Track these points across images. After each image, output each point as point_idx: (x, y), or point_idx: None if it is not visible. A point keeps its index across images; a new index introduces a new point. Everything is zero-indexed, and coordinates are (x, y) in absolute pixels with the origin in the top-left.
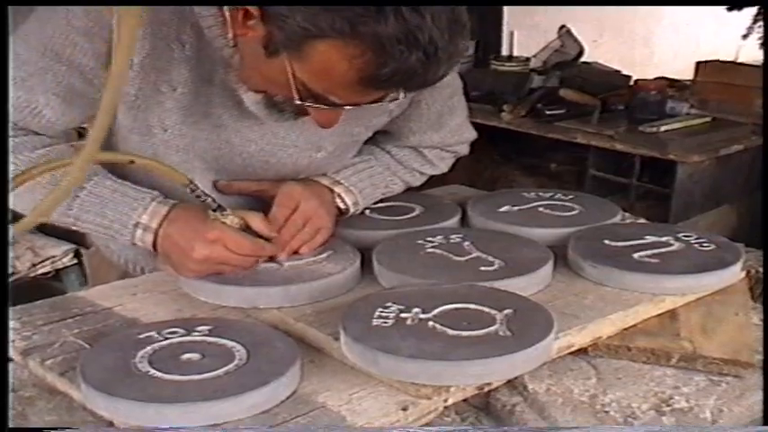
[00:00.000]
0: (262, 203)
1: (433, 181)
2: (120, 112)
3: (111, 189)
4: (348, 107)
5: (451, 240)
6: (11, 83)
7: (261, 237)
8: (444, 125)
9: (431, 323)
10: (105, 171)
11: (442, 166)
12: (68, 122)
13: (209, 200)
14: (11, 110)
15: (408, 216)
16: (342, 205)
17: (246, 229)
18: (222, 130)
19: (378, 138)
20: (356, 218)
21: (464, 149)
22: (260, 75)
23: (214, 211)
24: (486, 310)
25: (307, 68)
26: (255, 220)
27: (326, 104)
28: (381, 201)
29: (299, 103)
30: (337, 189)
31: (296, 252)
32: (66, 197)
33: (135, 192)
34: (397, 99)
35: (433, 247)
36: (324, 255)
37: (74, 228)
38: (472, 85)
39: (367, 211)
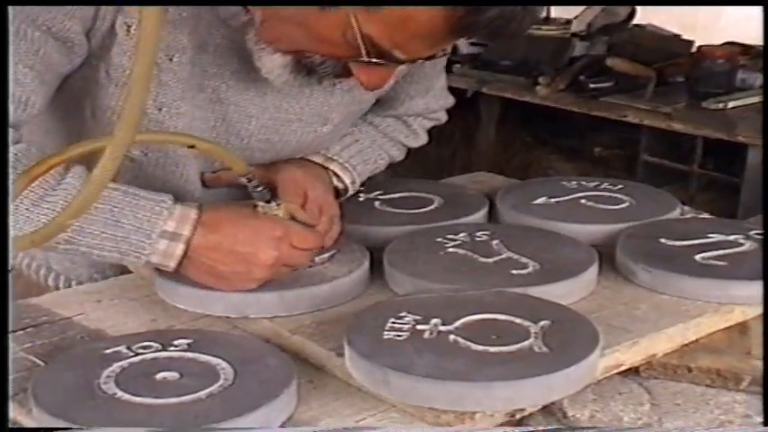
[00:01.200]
0: (247, 196)
1: (454, 167)
2: (106, 91)
3: (123, 192)
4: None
5: (477, 238)
6: None
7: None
8: (431, 89)
9: (452, 337)
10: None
11: (424, 137)
12: (40, 107)
13: (265, 190)
14: None
15: (426, 209)
16: (339, 185)
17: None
18: (218, 105)
19: (370, 114)
20: (364, 211)
21: (444, 116)
22: (302, 32)
23: (268, 202)
24: (519, 321)
25: (378, 19)
26: (299, 211)
27: (393, 61)
28: (394, 191)
29: (360, 61)
30: (332, 167)
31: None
32: (99, 192)
33: (151, 194)
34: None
35: (455, 246)
36: (326, 255)
37: (65, 249)
38: (501, 52)
39: (377, 203)
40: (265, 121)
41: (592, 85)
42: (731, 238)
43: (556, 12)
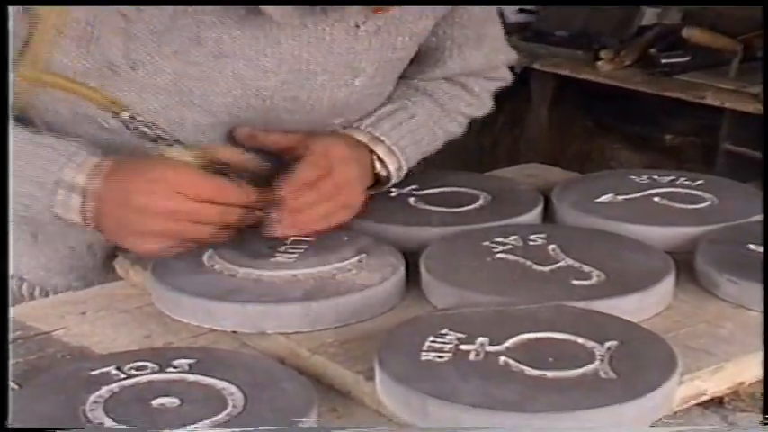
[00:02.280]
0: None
1: (497, 158)
2: (63, 51)
3: (26, 140)
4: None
5: (531, 242)
6: None
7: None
8: (484, 37)
9: (503, 359)
10: (25, 124)
11: (489, 103)
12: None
13: (157, 132)
14: None
15: (470, 207)
16: (382, 172)
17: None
18: (225, 61)
19: (409, 71)
20: (396, 209)
21: (509, 75)
22: None
23: (170, 146)
24: (581, 341)
25: None
26: (227, 152)
27: None
28: (432, 185)
29: None
30: (378, 150)
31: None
32: None
33: (59, 142)
34: None
35: (504, 251)
36: (354, 258)
37: None
38: (555, 21)
39: (411, 200)
40: (285, 76)
41: (664, 61)
42: None
43: None
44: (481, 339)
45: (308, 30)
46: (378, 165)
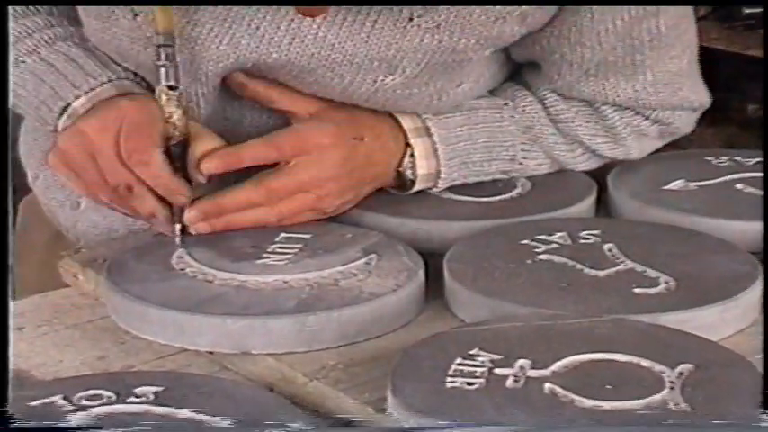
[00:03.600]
0: None
1: None
2: None
3: (70, 57)
4: None
5: (582, 240)
6: None
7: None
8: (642, 67)
9: (548, 386)
10: (81, 35)
11: (632, 147)
12: None
13: (171, 70)
14: None
15: (506, 196)
16: (408, 173)
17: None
18: (226, 27)
19: (531, 80)
20: (415, 198)
21: (684, 124)
22: None
23: (171, 89)
24: (647, 364)
25: None
26: (205, 142)
27: None
28: None
29: None
30: (415, 143)
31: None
32: None
33: (98, 66)
34: None
35: (549, 251)
36: (361, 260)
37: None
38: None
39: (434, 187)
40: (294, 56)
41: (747, 11)
42: None
43: None
44: (521, 362)
45: (346, 12)
46: (406, 160)
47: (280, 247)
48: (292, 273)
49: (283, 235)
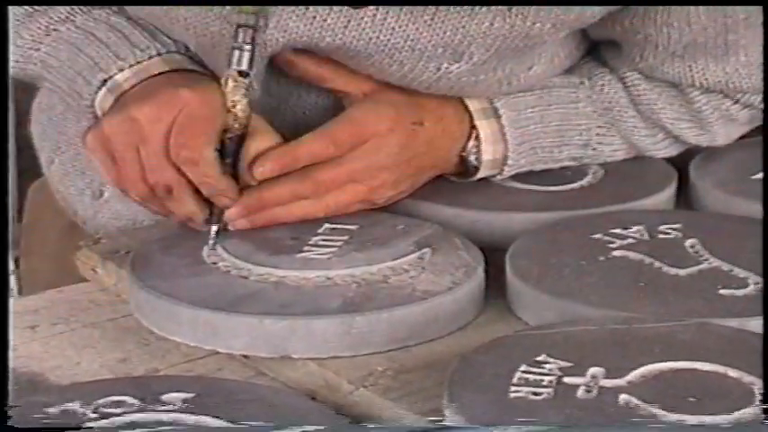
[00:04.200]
0: None
1: None
2: None
3: (112, 26)
4: None
5: (661, 235)
6: None
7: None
8: (735, 47)
9: (624, 397)
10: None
11: (717, 133)
12: None
13: (247, 57)
14: None
15: (577, 185)
16: (472, 158)
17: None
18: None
19: (609, 59)
20: (474, 186)
21: (757, 101)
22: None
23: (243, 75)
24: (734, 374)
25: None
26: (262, 139)
27: None
28: None
29: None
30: (481, 125)
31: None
32: None
33: (145, 37)
34: None
35: (624, 247)
36: (414, 255)
37: (36, 80)
38: None
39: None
40: (349, 40)
41: None
42: None
43: None
44: (594, 370)
45: None
46: (470, 144)
47: (323, 240)
48: (337, 268)
49: (327, 226)
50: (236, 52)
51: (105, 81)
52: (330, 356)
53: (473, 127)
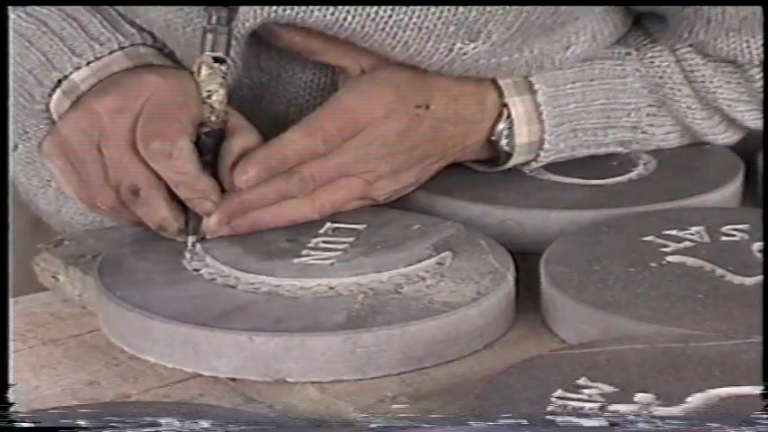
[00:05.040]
0: None
1: None
2: None
3: (67, 14)
4: None
5: (723, 237)
6: None
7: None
8: None
9: None
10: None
11: None
12: None
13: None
14: None
15: (624, 178)
16: (503, 142)
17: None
18: None
19: (655, 33)
20: (506, 179)
21: None
22: None
23: (218, 62)
24: None
25: None
26: (245, 137)
27: None
28: None
29: None
30: (513, 102)
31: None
32: None
33: (106, 27)
34: None
35: (680, 251)
36: (432, 259)
37: None
38: None
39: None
40: (343, 16)
41: None
42: None
43: None
44: (643, 396)
45: None
46: (500, 127)
47: (324, 242)
48: (341, 275)
49: (329, 225)
50: (210, 35)
51: (60, 81)
52: (332, 380)
53: (504, 105)
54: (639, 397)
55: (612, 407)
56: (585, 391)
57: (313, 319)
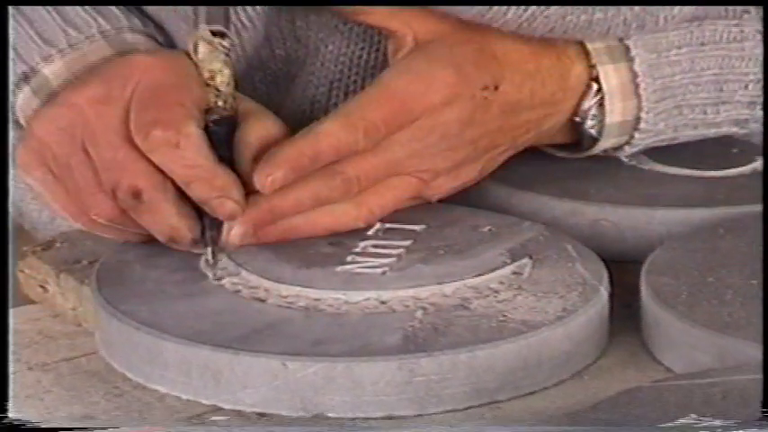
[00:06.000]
0: None
1: None
2: None
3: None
4: None
5: None
6: None
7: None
8: None
9: None
10: None
11: None
12: None
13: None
14: None
15: (744, 169)
16: (589, 123)
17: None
18: None
19: None
20: (599, 169)
21: None
22: None
23: (218, 36)
24: None
25: None
26: (263, 123)
27: None
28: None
29: None
30: (605, 71)
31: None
32: None
33: (84, 9)
34: None
35: None
36: (507, 268)
37: None
38: None
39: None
40: None
41: None
42: None
43: None
44: None
45: None
46: (591, 102)
47: (375, 246)
48: (395, 287)
49: (380, 226)
50: (203, 8)
51: (27, 76)
52: (383, 416)
53: (593, 79)
54: None
55: None
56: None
57: (360, 342)
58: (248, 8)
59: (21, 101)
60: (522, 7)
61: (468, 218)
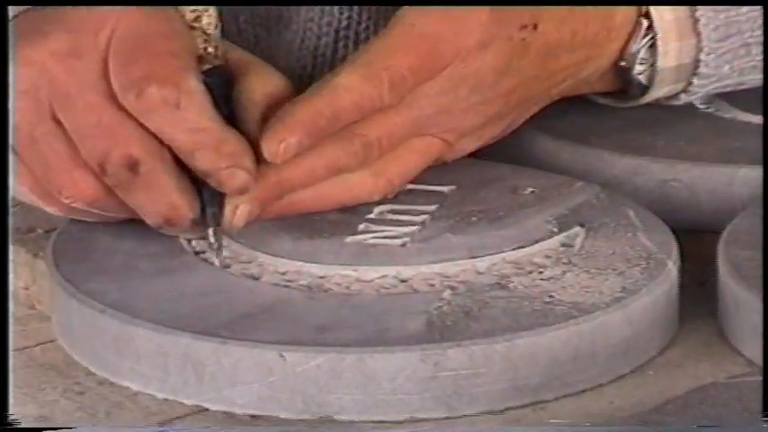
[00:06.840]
0: None
1: None
2: None
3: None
4: None
5: None
6: None
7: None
8: None
9: None
10: None
11: None
12: None
13: None
14: None
15: None
16: (638, 68)
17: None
18: None
19: None
20: (665, 115)
21: None
22: None
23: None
24: None
25: None
26: (265, 76)
27: None
28: None
29: None
30: (657, 9)
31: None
32: None
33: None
34: None
35: None
36: (554, 238)
37: None
38: None
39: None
40: None
41: None
42: None
43: None
44: None
45: None
46: (636, 48)
47: (392, 211)
48: (417, 262)
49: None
50: None
51: None
52: (405, 419)
53: (643, 15)
54: None
55: None
56: None
57: (375, 328)
58: None
59: None
60: None
61: (507, 177)
